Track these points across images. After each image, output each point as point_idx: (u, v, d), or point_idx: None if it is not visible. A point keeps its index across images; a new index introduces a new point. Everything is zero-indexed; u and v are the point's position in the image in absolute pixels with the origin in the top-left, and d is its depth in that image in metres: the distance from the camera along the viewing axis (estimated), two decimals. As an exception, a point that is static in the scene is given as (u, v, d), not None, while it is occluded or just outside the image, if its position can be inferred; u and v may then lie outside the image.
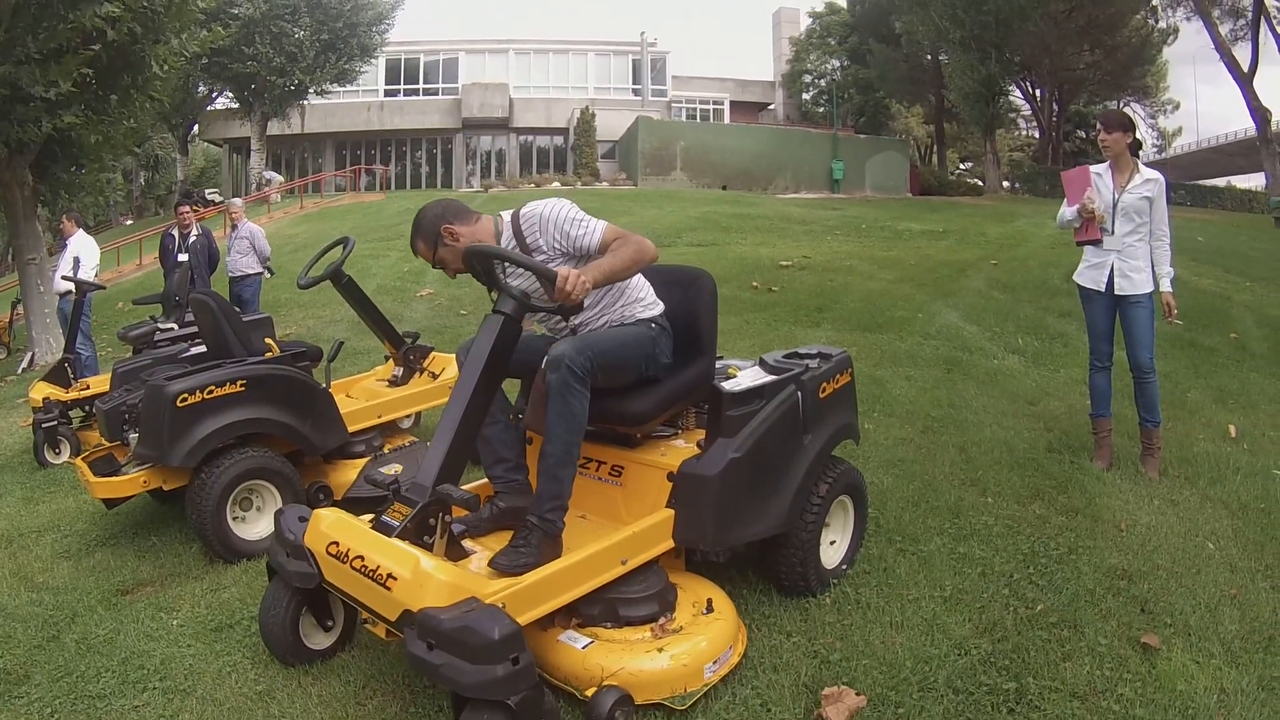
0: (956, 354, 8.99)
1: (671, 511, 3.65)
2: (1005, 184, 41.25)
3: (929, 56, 42.38)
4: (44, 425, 7.45)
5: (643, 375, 3.79)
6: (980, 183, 42.08)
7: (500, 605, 2.87)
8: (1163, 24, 39.57)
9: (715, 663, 3.33)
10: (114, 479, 5.12)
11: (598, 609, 3.40)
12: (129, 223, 41.32)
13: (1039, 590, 4.07)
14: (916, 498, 5.21)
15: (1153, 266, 5.57)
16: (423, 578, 2.86)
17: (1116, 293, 5.60)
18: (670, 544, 3.65)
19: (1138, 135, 5.65)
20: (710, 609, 3.53)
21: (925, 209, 28.50)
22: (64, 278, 10.57)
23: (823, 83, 52.80)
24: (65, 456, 7.48)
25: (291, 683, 3.53)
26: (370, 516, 3.33)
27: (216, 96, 42.09)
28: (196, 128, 46.05)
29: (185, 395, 4.88)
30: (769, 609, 3.94)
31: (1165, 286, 5.57)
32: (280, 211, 31.75)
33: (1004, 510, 5.01)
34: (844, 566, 4.26)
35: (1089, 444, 6.00)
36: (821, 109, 50.88)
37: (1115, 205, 5.54)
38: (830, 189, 37.30)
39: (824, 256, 15.93)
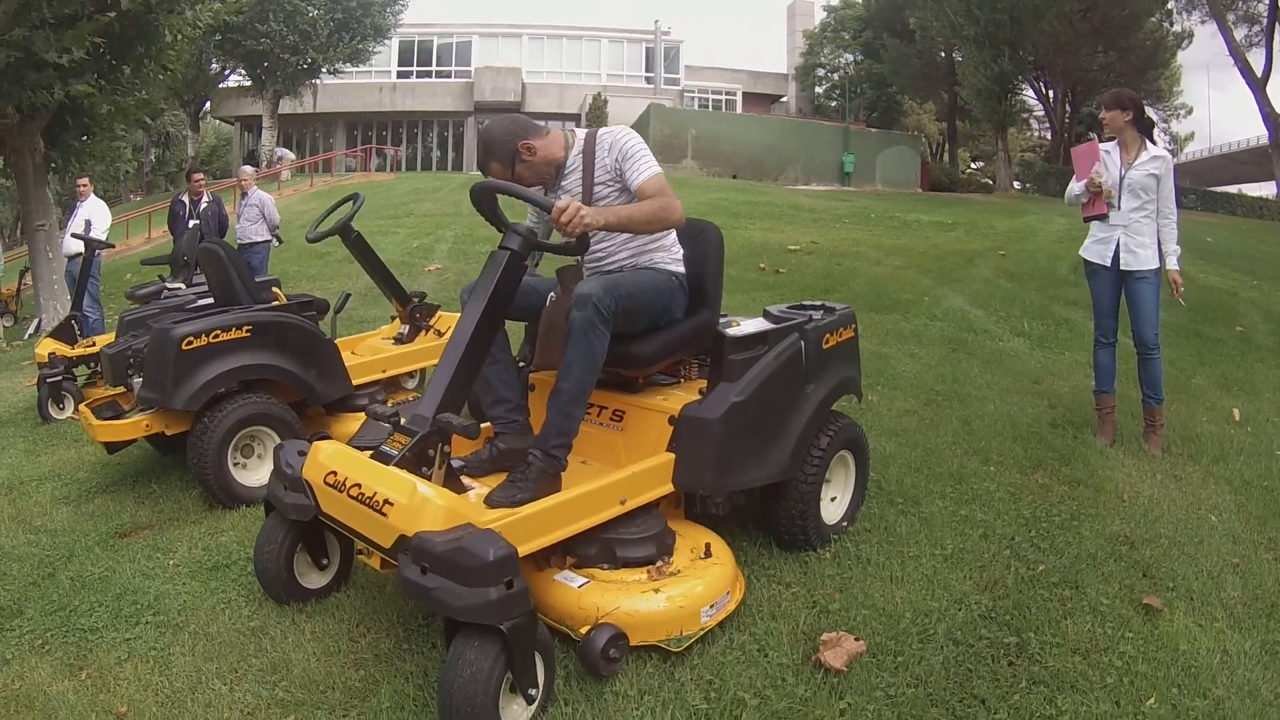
0: (962, 335, 8.98)
1: (672, 455, 3.63)
2: (1016, 184, 41.07)
3: (942, 53, 42.20)
4: (48, 380, 7.43)
5: (654, 325, 3.78)
6: (991, 181, 41.94)
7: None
8: (1177, 28, 39.35)
9: (712, 607, 3.30)
10: (115, 422, 5.12)
11: (594, 549, 3.38)
12: (138, 199, 41.23)
13: (1040, 552, 4.07)
14: (919, 464, 5.19)
15: (1159, 245, 5.56)
16: (419, 502, 2.83)
17: (1122, 268, 5.59)
18: (670, 487, 3.62)
19: (1148, 115, 5.64)
20: (708, 554, 3.50)
21: (935, 203, 28.41)
22: (73, 235, 10.55)
23: (836, 77, 52.62)
24: (69, 412, 7.46)
25: (285, 619, 3.52)
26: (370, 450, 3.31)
27: (229, 74, 42.08)
28: (208, 105, 46.05)
29: (190, 338, 4.87)
30: (768, 561, 3.93)
31: (1172, 264, 5.54)
32: (290, 189, 31.72)
33: (1006, 479, 4.99)
34: (845, 523, 4.25)
35: (1093, 421, 5.98)
36: (834, 103, 50.74)
37: (1122, 181, 5.54)
38: (841, 182, 37.17)
39: (832, 243, 15.88)
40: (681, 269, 3.90)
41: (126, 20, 12.78)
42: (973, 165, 55.23)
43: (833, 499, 4.25)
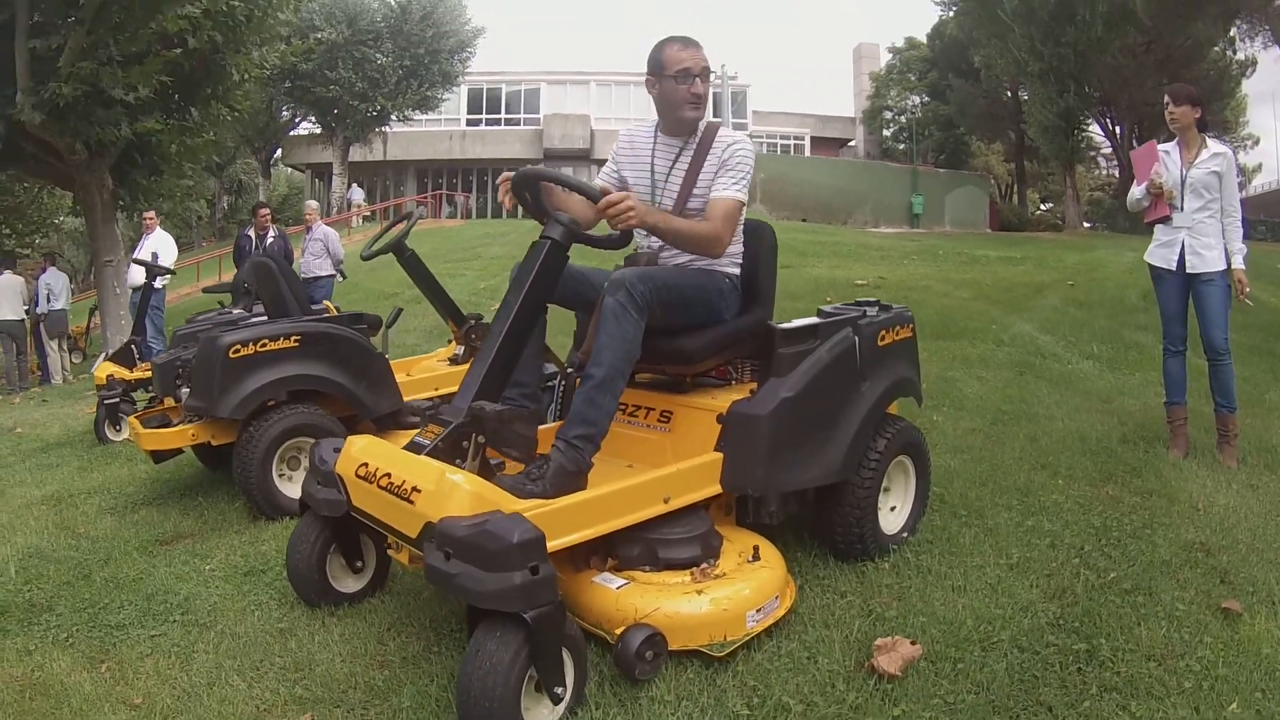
0: (1029, 358, 8.73)
1: (720, 455, 3.44)
2: (1086, 223, 40.45)
3: (1008, 92, 41.83)
4: (106, 402, 7.47)
5: (701, 323, 3.62)
6: (1060, 220, 41.35)
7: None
8: (1240, 55, 38.48)
9: (759, 611, 3.11)
10: (161, 430, 5.09)
11: (636, 550, 3.20)
12: (209, 246, 42.14)
13: (1111, 561, 3.82)
14: (984, 478, 4.96)
15: (1225, 245, 5.34)
16: (447, 487, 2.69)
17: (1188, 271, 5.38)
18: (718, 488, 3.43)
19: (1205, 113, 5.46)
20: (756, 557, 3.31)
21: (1003, 241, 28.03)
22: (135, 260, 10.68)
23: (903, 119, 52.38)
24: (125, 434, 7.45)
25: (314, 622, 3.42)
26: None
27: (299, 121, 42.89)
28: (279, 152, 46.98)
29: (238, 346, 4.83)
30: (823, 571, 3.74)
31: (1237, 263, 5.32)
32: (360, 234, 32.15)
33: (1075, 491, 4.75)
34: (905, 534, 4.03)
35: (1165, 435, 5.71)
36: (902, 146, 50.47)
37: (1184, 181, 5.35)
38: (909, 223, 36.82)
39: (899, 278, 15.66)
40: (736, 270, 3.78)
41: (194, 59, 13.02)
42: (1042, 207, 54.52)
43: (892, 508, 4.05)
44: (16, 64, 11.17)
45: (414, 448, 3.00)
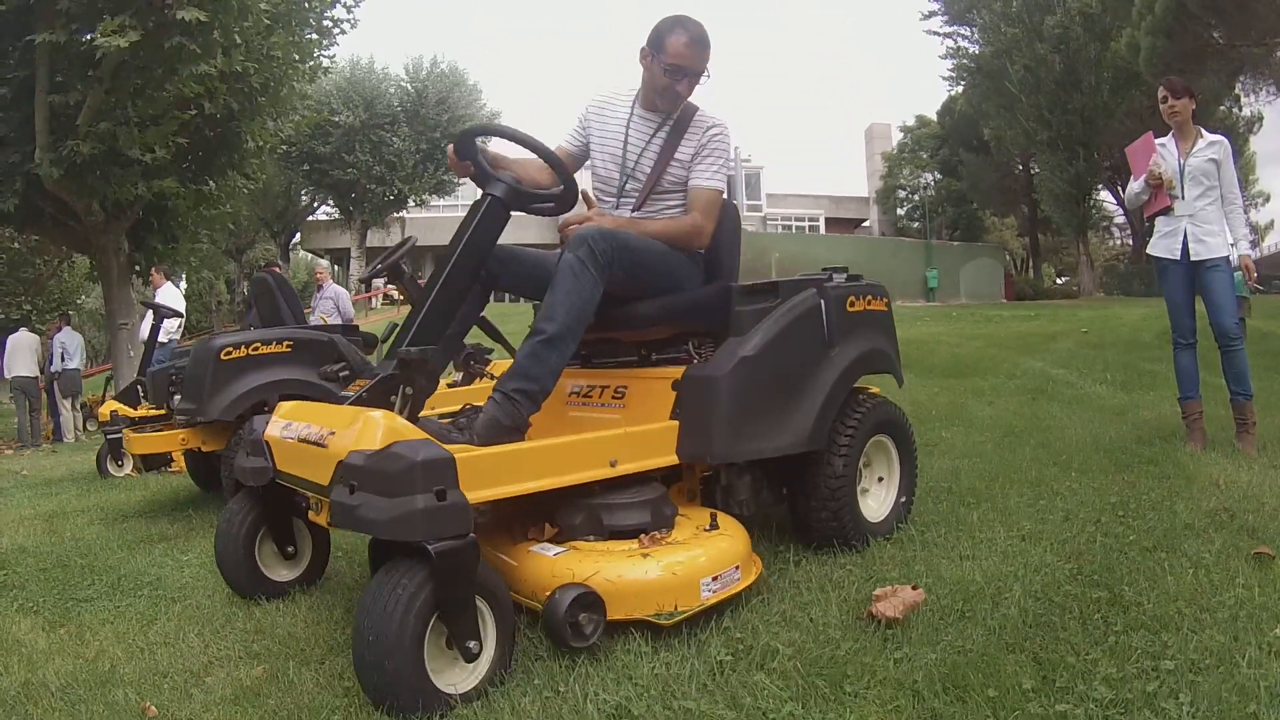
0: (1042, 386, 8.59)
1: (675, 423, 3.17)
2: (1101, 293, 40.36)
3: (1019, 166, 42.12)
4: (109, 437, 7.40)
5: (660, 292, 3.43)
6: (1076, 289, 41.29)
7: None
8: (1246, 111, 38.63)
9: (716, 580, 2.79)
10: (150, 434, 5.03)
11: (579, 517, 2.92)
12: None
13: (1129, 528, 3.59)
14: (994, 473, 4.77)
15: (1229, 232, 5.31)
16: (361, 423, 2.45)
17: (1192, 259, 5.31)
18: (673, 458, 3.13)
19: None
20: (715, 525, 3.02)
21: (1019, 307, 28.00)
22: (142, 302, 10.71)
23: (916, 198, 52.65)
24: (127, 469, 7.50)
25: (284, 598, 3.28)
26: None
27: (318, 206, 43.42)
28: (298, 236, 47.47)
29: (230, 349, 4.80)
30: (819, 550, 3.49)
31: (1243, 249, 5.31)
32: (376, 316, 32.41)
33: (1089, 480, 4.53)
34: (892, 524, 3.72)
35: (1181, 434, 5.52)
36: (916, 224, 50.64)
37: (1182, 171, 5.34)
38: (925, 297, 36.80)
39: (912, 335, 15.55)
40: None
41: (212, 126, 13.19)
42: (1058, 280, 54.49)
43: (874, 494, 3.79)
44: (36, 120, 11.36)
45: (339, 403, 2.85)
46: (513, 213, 3.10)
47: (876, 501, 3.76)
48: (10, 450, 12.79)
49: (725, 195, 3.60)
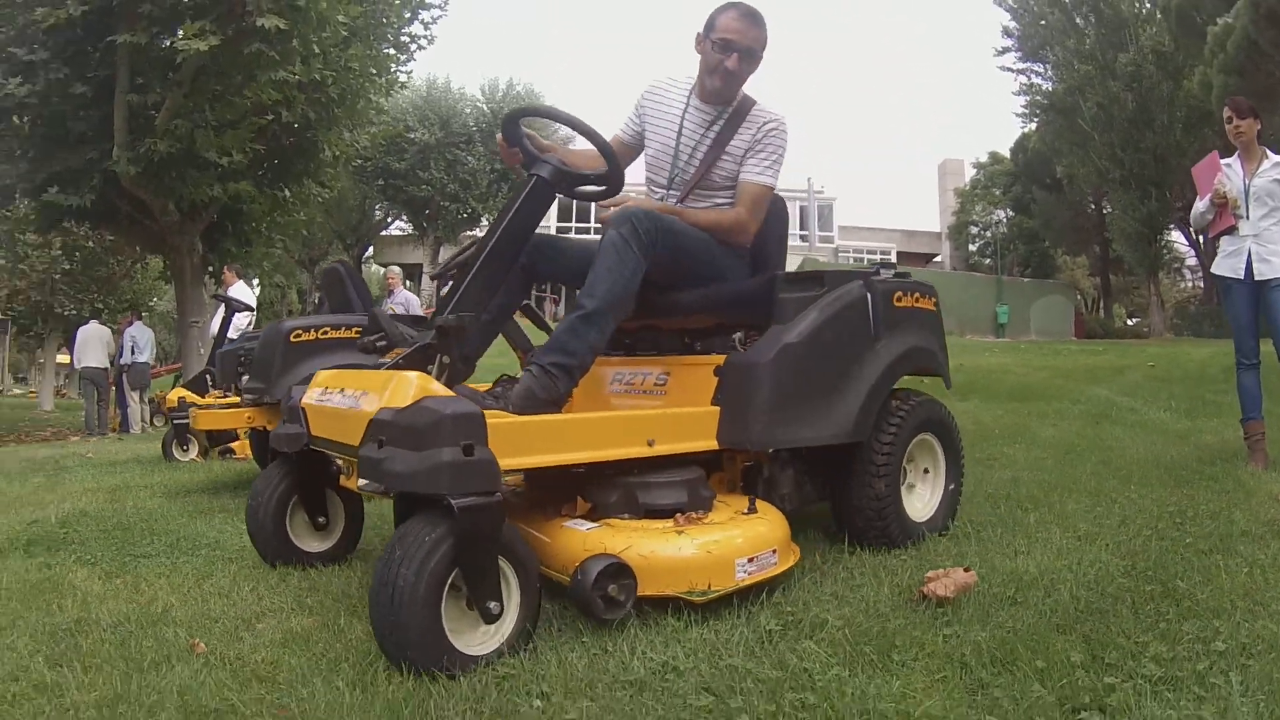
0: (1105, 411, 8.44)
1: (717, 409, 3.13)
2: (1170, 335, 39.67)
3: (1092, 205, 41.60)
4: (176, 422, 7.56)
5: (700, 281, 3.41)
6: (1147, 330, 40.63)
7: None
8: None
9: (752, 562, 2.75)
10: (217, 410, 5.11)
11: (614, 495, 2.89)
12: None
13: (1186, 533, 3.52)
14: (1053, 484, 4.70)
15: None
16: (394, 383, 2.45)
17: (1256, 278, 5.26)
18: (713, 443, 3.09)
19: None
20: (753, 509, 2.99)
21: (1087, 344, 27.64)
22: (214, 295, 10.91)
23: (988, 234, 52.12)
24: (192, 454, 7.65)
25: (340, 563, 3.35)
26: None
27: (392, 221, 43.90)
28: (371, 250, 48.02)
29: (299, 332, 4.86)
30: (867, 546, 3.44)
31: None
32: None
33: (1149, 492, 4.43)
34: (938, 523, 3.66)
35: (1243, 454, 5.41)
36: (988, 260, 50.12)
37: (1247, 191, 5.30)
38: (995, 333, 36.31)
39: (978, 364, 15.44)
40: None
41: (288, 134, 13.45)
42: (1129, 321, 53.62)
43: (920, 492, 3.73)
44: (115, 119, 11.65)
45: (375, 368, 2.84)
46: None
47: (921, 501, 3.70)
48: (77, 437, 13.08)
49: (774, 191, 3.56)
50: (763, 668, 2.20)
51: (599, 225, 3.16)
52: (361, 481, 2.43)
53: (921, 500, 3.70)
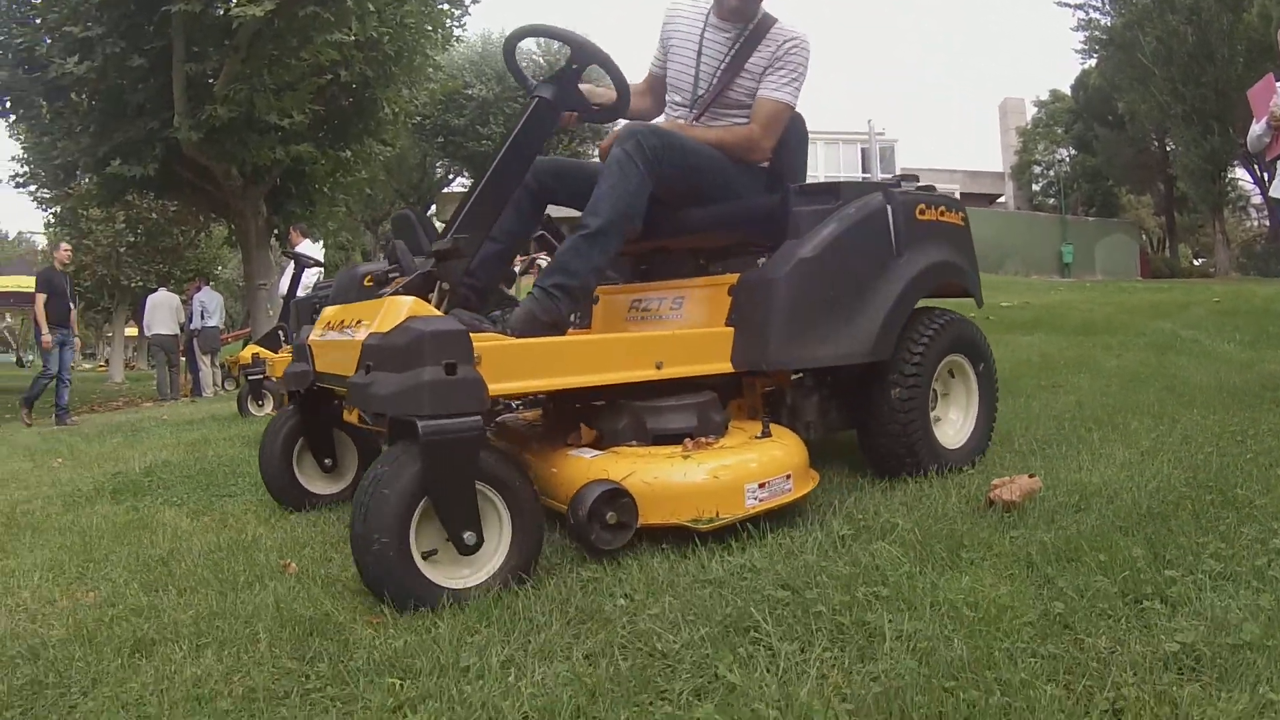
0: (1170, 342, 8.43)
1: (730, 330, 3.03)
2: (1235, 273, 38.85)
3: (1155, 142, 40.70)
4: (250, 378, 7.74)
5: (712, 199, 3.32)
6: (1213, 270, 39.84)
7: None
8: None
9: (763, 488, 2.64)
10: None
11: (622, 421, 2.81)
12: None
13: (1247, 449, 3.55)
14: (1116, 406, 4.75)
15: None
16: (388, 308, 2.39)
17: None
18: (727, 365, 3.00)
19: None
20: (766, 433, 2.88)
21: (1153, 283, 27.21)
22: (284, 252, 11.08)
23: (1051, 173, 51.23)
24: (267, 409, 7.74)
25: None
26: None
27: (453, 179, 43.91)
28: (434, 208, 48.19)
29: (372, 277, 4.96)
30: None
31: None
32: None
33: (1212, 413, 4.44)
34: (972, 450, 3.53)
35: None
36: (1051, 200, 49.33)
37: None
38: (1060, 273, 35.90)
39: (1044, 302, 15.23)
40: (763, 160, 3.52)
41: (347, 93, 13.55)
42: (1195, 262, 52.57)
43: (950, 419, 3.62)
44: (174, 88, 11.82)
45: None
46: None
47: (954, 429, 3.59)
48: (151, 404, 13.40)
49: (794, 109, 3.42)
50: (837, 565, 2.31)
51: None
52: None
53: (954, 427, 3.60)
